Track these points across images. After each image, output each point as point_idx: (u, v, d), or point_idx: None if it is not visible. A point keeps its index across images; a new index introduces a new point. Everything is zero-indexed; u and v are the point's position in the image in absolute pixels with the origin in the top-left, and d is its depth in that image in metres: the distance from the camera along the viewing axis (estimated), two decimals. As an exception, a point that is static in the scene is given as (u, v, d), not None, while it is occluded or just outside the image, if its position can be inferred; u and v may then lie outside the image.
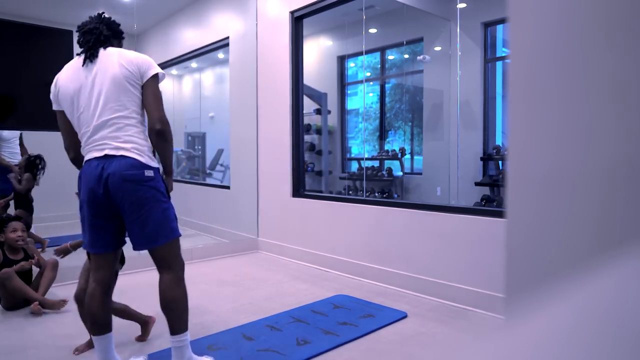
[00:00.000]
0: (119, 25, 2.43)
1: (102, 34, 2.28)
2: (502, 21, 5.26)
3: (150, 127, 2.21)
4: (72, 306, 3.57)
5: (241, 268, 4.79)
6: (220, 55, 6.54)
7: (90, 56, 2.22)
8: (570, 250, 1.25)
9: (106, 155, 2.16)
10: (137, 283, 4.18)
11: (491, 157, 5.25)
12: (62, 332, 3.10)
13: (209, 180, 7.36)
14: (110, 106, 2.17)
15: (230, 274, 4.52)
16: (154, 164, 2.24)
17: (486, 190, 5.17)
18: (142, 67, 2.20)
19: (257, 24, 5.57)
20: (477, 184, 5.19)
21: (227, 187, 6.20)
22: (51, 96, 2.34)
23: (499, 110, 5.45)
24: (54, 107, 2.35)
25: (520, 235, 1.39)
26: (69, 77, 2.26)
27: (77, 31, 2.34)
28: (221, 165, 7.19)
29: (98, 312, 2.30)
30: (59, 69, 2.39)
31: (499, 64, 5.51)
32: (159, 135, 2.22)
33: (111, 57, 2.21)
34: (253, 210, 5.64)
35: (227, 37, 6.03)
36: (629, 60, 1.12)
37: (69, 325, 3.21)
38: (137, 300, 3.69)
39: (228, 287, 4.10)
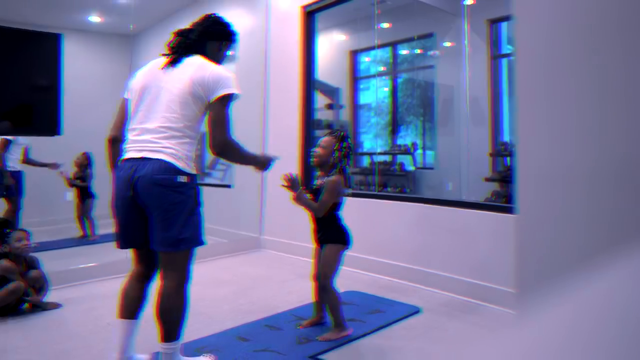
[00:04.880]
0: (222, 26, 2.47)
1: (187, 40, 2.33)
2: (506, 18, 5.16)
3: (211, 149, 2.23)
4: (60, 312, 3.53)
5: (241, 267, 4.69)
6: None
7: (173, 62, 2.27)
8: (581, 246, 1.23)
9: (143, 158, 2.16)
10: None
11: (498, 153, 5.18)
12: (44, 337, 2.98)
13: (207, 180, 7.19)
14: (165, 115, 2.19)
15: (230, 274, 4.43)
16: (190, 170, 2.22)
17: (494, 186, 5.11)
18: (211, 87, 2.19)
19: (267, 20, 5.52)
20: (486, 179, 5.12)
21: (229, 186, 6.05)
22: (129, 84, 2.38)
23: (506, 107, 5.37)
24: (124, 95, 2.40)
25: (531, 231, 1.37)
26: (146, 72, 2.31)
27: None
28: (222, 164, 7.08)
29: (129, 295, 2.35)
30: (46, 73, 2.36)
31: (503, 61, 5.43)
32: (218, 156, 2.27)
33: (188, 69, 2.22)
34: (256, 208, 5.56)
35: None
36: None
37: (52, 330, 3.11)
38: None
39: (227, 286, 4.00)
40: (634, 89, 1.09)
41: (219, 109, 2.18)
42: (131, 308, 2.33)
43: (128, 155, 2.22)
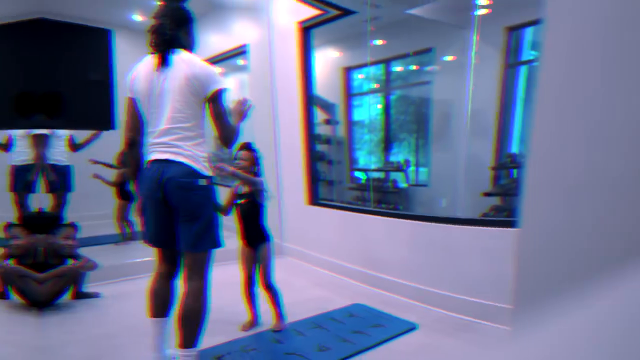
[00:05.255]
0: (183, 10, 2.41)
1: (165, 35, 2.30)
2: (529, 23, 4.96)
3: (220, 142, 2.37)
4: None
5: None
6: (241, 61, 6.61)
7: (163, 62, 2.27)
8: (583, 261, 1.16)
9: (166, 160, 2.26)
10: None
11: (503, 166, 5.11)
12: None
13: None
14: (174, 116, 2.25)
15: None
16: (207, 172, 2.32)
17: (494, 201, 5.07)
18: (204, 83, 2.25)
19: (269, 34, 5.63)
20: (485, 194, 5.01)
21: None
22: (127, 83, 2.40)
23: (519, 117, 5.18)
24: (128, 94, 2.41)
25: (533, 244, 1.30)
26: (144, 74, 2.32)
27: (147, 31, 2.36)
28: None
29: (158, 295, 2.44)
30: (98, 67, 2.39)
31: (522, 69, 5.25)
32: (228, 146, 2.41)
33: (180, 66, 2.25)
34: (276, 215, 5.57)
35: (245, 45, 6.11)
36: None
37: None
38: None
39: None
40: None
41: (217, 103, 2.29)
42: (162, 307, 2.42)
43: (152, 157, 2.32)
